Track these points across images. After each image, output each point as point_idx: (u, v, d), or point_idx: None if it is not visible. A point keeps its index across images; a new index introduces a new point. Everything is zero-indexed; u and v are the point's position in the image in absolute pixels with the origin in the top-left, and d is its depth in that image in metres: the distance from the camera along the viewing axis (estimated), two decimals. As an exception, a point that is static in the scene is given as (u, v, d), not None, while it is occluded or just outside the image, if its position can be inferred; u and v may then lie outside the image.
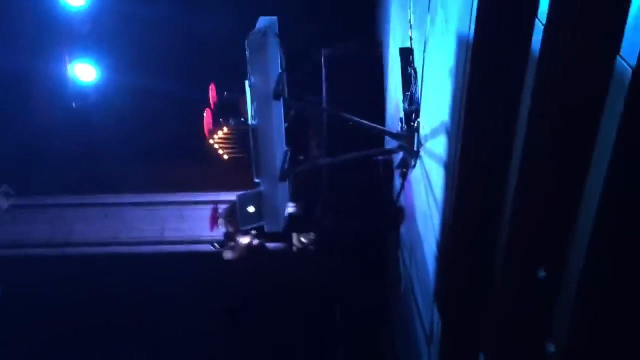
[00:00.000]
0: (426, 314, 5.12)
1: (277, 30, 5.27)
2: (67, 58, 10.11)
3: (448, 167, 4.21)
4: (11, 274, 9.58)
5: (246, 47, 4.91)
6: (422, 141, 5.22)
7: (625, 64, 2.49)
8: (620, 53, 2.56)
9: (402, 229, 6.58)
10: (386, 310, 8.44)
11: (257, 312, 9.63)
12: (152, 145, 10.37)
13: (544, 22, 2.96)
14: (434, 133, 4.70)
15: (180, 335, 9.57)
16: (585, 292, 3.06)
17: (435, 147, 4.66)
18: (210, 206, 9.43)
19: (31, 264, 9.88)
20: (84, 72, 10.33)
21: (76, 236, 10.39)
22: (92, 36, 10.18)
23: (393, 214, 6.72)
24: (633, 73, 2.42)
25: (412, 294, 5.96)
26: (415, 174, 5.55)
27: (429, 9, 4.81)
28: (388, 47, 7.65)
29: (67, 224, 10.50)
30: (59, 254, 10.18)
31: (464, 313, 4.24)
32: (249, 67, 5.02)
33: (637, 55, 2.40)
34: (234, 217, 8.56)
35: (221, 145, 10.21)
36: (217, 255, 9.08)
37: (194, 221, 10.46)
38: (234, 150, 10.19)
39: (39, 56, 10.10)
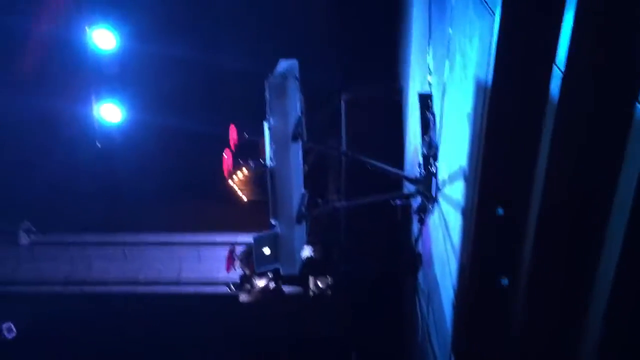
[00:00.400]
0: (443, 364, 4.98)
1: (297, 74, 5.35)
2: (93, 99, 10.33)
3: (465, 213, 4.16)
4: (30, 311, 9.61)
5: (266, 89, 4.97)
6: (440, 186, 5.18)
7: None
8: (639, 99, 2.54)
9: (420, 275, 6.48)
10: (403, 357, 8.24)
11: (272, 356, 9.48)
12: (173, 185, 10.47)
13: (562, 69, 2.95)
14: (451, 178, 4.66)
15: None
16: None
17: (453, 192, 4.61)
18: (227, 247, 9.40)
19: (49, 302, 9.92)
20: (110, 112, 10.53)
21: (95, 274, 10.43)
22: (119, 77, 10.42)
23: (410, 259, 6.63)
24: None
25: (429, 343, 5.81)
26: (433, 219, 5.49)
27: (447, 55, 4.84)
28: (408, 91, 7.70)
29: (87, 262, 10.56)
30: (77, 292, 10.22)
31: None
32: (268, 109, 5.08)
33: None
34: (251, 259, 8.53)
35: (240, 186, 10.25)
36: (233, 297, 9.00)
37: (211, 262, 10.44)
38: (253, 192, 10.20)
39: (67, 97, 10.34)
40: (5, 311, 9.56)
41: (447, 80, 4.89)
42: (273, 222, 5.52)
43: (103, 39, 10.08)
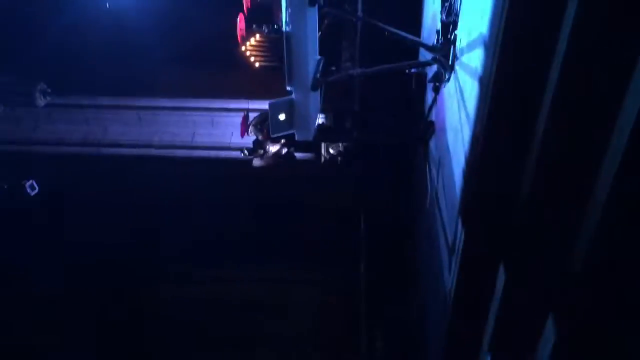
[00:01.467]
0: (450, 226, 5.23)
1: None
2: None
3: (483, 81, 4.17)
4: (49, 170, 9.94)
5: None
6: (458, 54, 5.13)
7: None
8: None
9: (432, 144, 6.60)
10: (411, 222, 8.60)
11: (284, 218, 9.87)
12: (186, 50, 10.35)
13: None
14: (471, 46, 4.61)
15: (209, 238, 9.90)
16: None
17: (471, 60, 4.59)
18: (241, 114, 9.49)
19: (66, 162, 10.23)
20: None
21: (111, 137, 10.66)
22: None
23: (423, 127, 6.72)
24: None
25: (437, 207, 6.06)
26: (449, 88, 5.50)
27: None
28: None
29: (103, 124, 10.75)
30: (94, 153, 10.51)
31: (488, 226, 4.33)
32: (285, -29, 4.92)
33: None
34: (265, 125, 8.65)
35: (253, 52, 10.12)
36: (246, 162, 9.24)
37: (225, 127, 10.60)
38: (266, 59, 10.10)
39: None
40: (26, 170, 9.90)
41: (472, -58, 4.67)
42: (288, 88, 5.55)
43: None
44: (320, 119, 8.65)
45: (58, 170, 9.99)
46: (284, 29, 5.37)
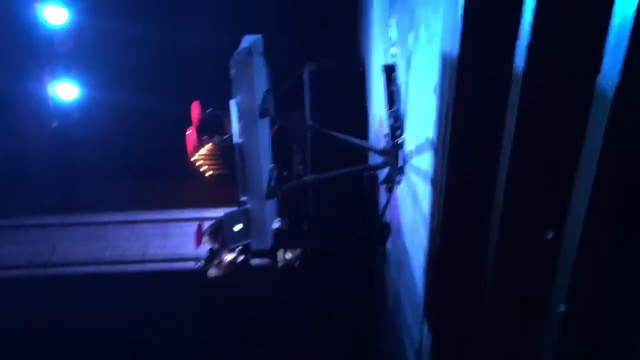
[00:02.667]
0: (415, 328, 5.16)
1: (262, 49, 5.33)
2: (47, 77, 10.04)
3: (434, 182, 4.27)
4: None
5: (231, 66, 4.97)
6: (407, 157, 5.28)
7: (604, 85, 2.57)
8: (601, 72, 2.65)
9: (389, 245, 6.63)
10: (373, 325, 8.45)
11: (243, 327, 9.58)
12: (135, 164, 10.34)
13: (527, 40, 3.05)
14: (419, 149, 4.76)
15: (164, 352, 9.48)
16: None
17: (420, 163, 4.72)
18: (194, 223, 9.37)
19: (13, 286, 9.75)
20: (65, 90, 10.26)
21: (59, 256, 10.28)
22: (73, 54, 10.14)
23: (379, 229, 6.77)
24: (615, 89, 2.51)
25: (400, 308, 5.99)
26: (401, 189, 5.61)
27: (411, 27, 4.89)
28: (371, 63, 7.75)
29: (50, 244, 10.39)
30: (41, 274, 10.07)
31: (454, 327, 4.28)
32: (234, 86, 5.07)
33: (617, 73, 2.49)
34: (219, 234, 8.53)
35: (204, 162, 10.18)
36: (201, 273, 9.02)
37: (178, 238, 10.40)
38: (217, 168, 10.16)
39: (19, 75, 10.03)
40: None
41: (411, 52, 4.95)
42: (243, 198, 5.56)
43: (54, 14, 9.77)
44: (275, 223, 8.63)
45: (1, 295, 9.49)
46: (235, 140, 5.46)
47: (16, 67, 9.96)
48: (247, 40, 5.31)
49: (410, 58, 5.02)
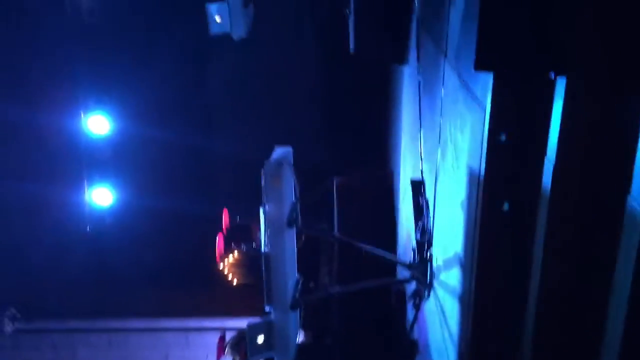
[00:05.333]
0: None
1: (291, 160, 5.44)
2: (85, 183, 10.39)
3: (463, 299, 4.15)
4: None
5: (262, 176, 5.06)
6: (435, 272, 5.18)
7: (636, 205, 2.53)
8: (631, 193, 2.62)
9: (416, 363, 6.35)
10: None
11: None
12: (163, 269, 10.37)
13: (553, 161, 3.06)
14: (447, 264, 4.68)
15: None
16: None
17: (449, 279, 4.62)
18: (217, 333, 9.20)
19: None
20: (101, 196, 10.56)
21: (79, 363, 10.13)
22: (111, 161, 10.54)
23: (406, 346, 6.51)
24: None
25: None
26: (429, 305, 5.46)
27: (439, 143, 4.98)
28: (399, 177, 7.83)
29: (71, 349, 10.26)
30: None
31: None
32: (263, 196, 5.13)
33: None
34: (242, 345, 8.32)
35: (231, 270, 10.17)
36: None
37: (200, 348, 10.19)
38: (244, 276, 10.12)
39: (58, 180, 10.41)
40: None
41: (439, 167, 5.01)
42: (267, 308, 5.45)
43: (97, 124, 10.28)
44: (299, 337, 8.40)
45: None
46: (262, 249, 5.45)
47: (56, 172, 10.36)
48: (278, 152, 5.44)
49: (438, 174, 5.07)
